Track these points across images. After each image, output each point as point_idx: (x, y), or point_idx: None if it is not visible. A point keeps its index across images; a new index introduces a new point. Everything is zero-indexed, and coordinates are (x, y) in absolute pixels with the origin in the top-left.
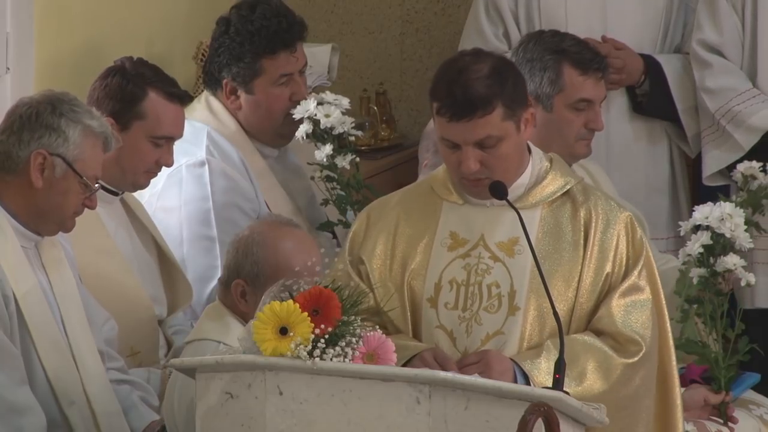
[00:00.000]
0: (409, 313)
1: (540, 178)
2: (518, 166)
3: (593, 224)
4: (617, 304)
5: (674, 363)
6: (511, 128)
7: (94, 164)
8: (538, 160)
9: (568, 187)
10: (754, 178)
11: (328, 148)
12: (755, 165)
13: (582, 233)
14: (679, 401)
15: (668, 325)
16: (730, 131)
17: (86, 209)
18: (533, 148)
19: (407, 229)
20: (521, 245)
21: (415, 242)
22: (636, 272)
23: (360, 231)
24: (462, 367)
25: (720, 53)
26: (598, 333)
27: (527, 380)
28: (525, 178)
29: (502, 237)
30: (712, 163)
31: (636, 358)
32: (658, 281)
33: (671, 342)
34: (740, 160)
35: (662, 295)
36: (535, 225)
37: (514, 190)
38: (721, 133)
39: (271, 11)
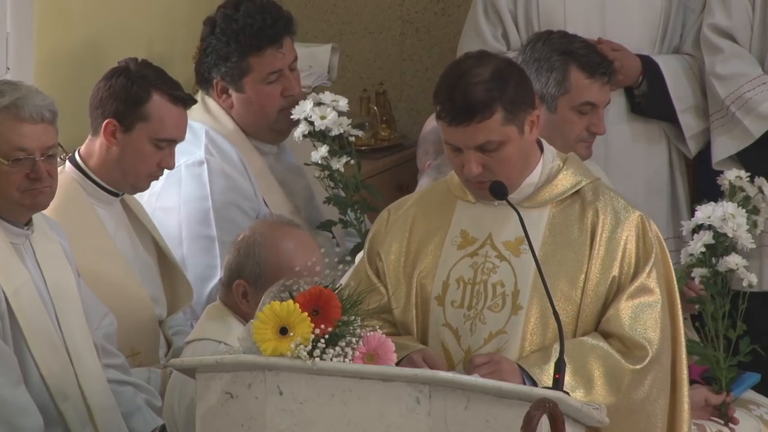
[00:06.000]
0: (414, 311)
1: (551, 177)
2: (523, 168)
3: (600, 225)
4: (625, 306)
5: (685, 365)
6: (513, 132)
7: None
8: (549, 159)
9: (578, 186)
10: (742, 190)
11: (323, 150)
12: (743, 175)
13: (588, 234)
14: (687, 406)
15: (681, 326)
16: (740, 118)
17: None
18: (546, 146)
19: (423, 225)
20: (527, 245)
21: (428, 239)
22: (645, 273)
23: (380, 230)
24: (473, 367)
25: (731, 37)
26: (606, 335)
27: (536, 385)
28: (534, 177)
29: (509, 236)
30: (721, 150)
31: (642, 364)
32: (674, 280)
33: (683, 344)
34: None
35: (677, 295)
36: (542, 224)
37: (523, 189)
38: (730, 118)
39: (254, 8)
